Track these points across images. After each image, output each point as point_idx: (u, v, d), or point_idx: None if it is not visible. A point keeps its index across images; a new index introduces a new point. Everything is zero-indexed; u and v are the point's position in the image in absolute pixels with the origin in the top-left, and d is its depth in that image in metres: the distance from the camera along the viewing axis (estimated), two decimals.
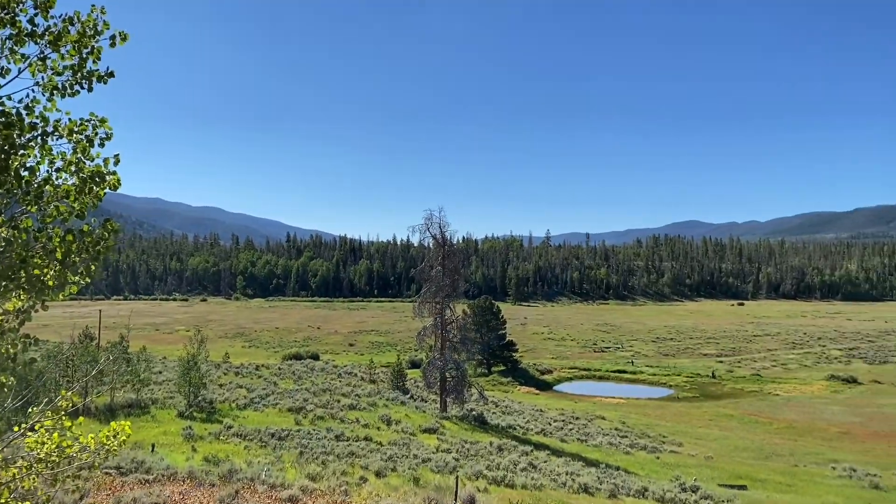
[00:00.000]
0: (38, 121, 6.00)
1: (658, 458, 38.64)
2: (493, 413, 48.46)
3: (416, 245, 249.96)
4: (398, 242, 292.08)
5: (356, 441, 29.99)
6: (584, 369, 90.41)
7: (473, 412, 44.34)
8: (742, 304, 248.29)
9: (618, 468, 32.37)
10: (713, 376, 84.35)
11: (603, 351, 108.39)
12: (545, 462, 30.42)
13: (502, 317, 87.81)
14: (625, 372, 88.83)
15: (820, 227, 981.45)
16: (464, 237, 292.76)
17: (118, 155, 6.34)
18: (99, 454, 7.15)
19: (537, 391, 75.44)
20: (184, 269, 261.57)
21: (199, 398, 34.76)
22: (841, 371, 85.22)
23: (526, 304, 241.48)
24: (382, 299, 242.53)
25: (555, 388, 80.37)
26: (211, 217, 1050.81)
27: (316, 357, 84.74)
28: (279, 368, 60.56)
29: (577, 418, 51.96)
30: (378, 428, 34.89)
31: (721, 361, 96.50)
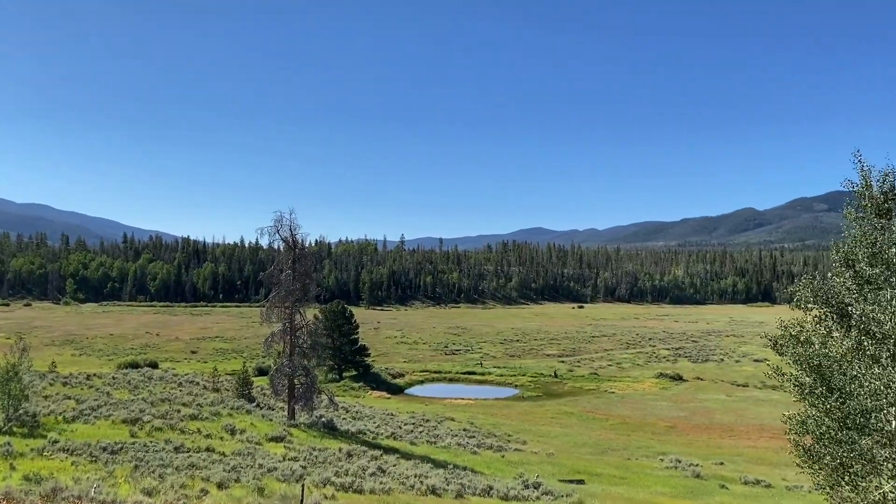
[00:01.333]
0: None
1: (503, 456, 39.82)
2: (344, 419, 47.93)
3: (265, 248, 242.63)
4: (246, 245, 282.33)
5: (197, 452, 28.57)
6: (436, 372, 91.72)
7: (323, 419, 43.63)
8: (582, 307, 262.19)
9: (465, 468, 33.03)
10: (555, 376, 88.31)
11: (454, 353, 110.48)
12: (394, 466, 30.45)
13: (355, 321, 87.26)
14: (474, 373, 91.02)
15: (651, 235, 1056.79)
16: (317, 240, 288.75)
17: None
18: None
19: (389, 395, 75.57)
20: (5, 272, 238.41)
21: (21, 412, 31.71)
22: (669, 369, 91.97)
23: (380, 308, 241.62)
24: (229, 304, 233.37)
25: (407, 391, 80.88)
26: (38, 215, 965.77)
27: (154, 365, 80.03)
28: (113, 377, 56.60)
29: (428, 420, 52.53)
30: (221, 438, 33.46)
31: (563, 361, 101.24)
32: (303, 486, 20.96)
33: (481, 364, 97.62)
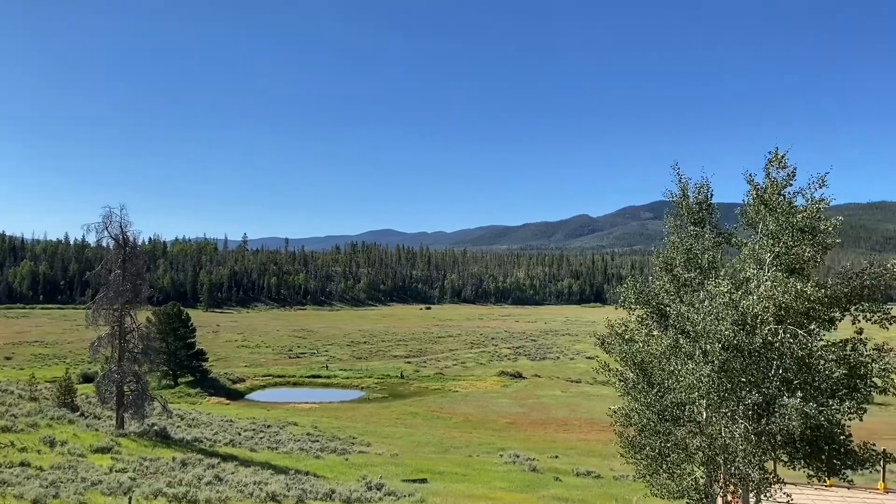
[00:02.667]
0: None
1: (347, 459, 39.52)
2: (178, 427, 45.56)
3: (92, 245, 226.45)
4: (71, 242, 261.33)
5: (9, 468, 25.98)
6: (279, 376, 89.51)
7: (155, 427, 41.21)
8: (429, 308, 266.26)
9: (307, 473, 32.42)
10: (402, 377, 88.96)
11: (299, 357, 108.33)
12: (232, 473, 29.33)
13: (192, 324, 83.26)
14: (319, 376, 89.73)
15: (496, 238, 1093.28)
16: (150, 238, 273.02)
17: None
18: None
19: (228, 401, 72.75)
20: None
21: None
22: (510, 367, 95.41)
23: (220, 310, 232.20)
24: (50, 306, 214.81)
25: (247, 396, 78.28)
26: None
27: None
28: None
29: (269, 426, 51.12)
30: (39, 451, 30.66)
31: (409, 362, 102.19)
32: (130, 498, 19.68)
33: (327, 367, 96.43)
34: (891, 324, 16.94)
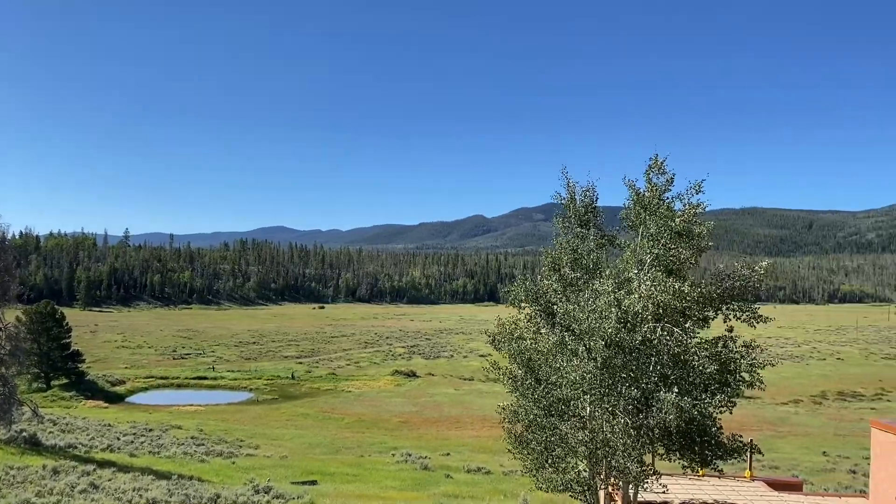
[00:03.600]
0: None
1: (234, 462, 38.40)
2: (51, 432, 42.89)
3: None
4: None
5: None
6: (162, 378, 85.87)
7: (24, 433, 38.60)
8: (323, 308, 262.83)
9: (192, 477, 31.23)
10: (293, 377, 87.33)
11: (183, 358, 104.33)
12: (110, 480, 27.86)
13: (67, 324, 78.48)
14: (205, 378, 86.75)
15: (392, 237, 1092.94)
16: (21, 232, 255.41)
17: None
18: None
19: (107, 404, 69.11)
20: None
21: None
22: (404, 367, 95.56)
23: (98, 309, 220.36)
24: None
25: (128, 399, 74.66)
26: None
27: None
28: None
29: (151, 430, 48.94)
30: None
31: (301, 363, 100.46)
32: None
33: (213, 368, 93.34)
34: (758, 322, 18.13)
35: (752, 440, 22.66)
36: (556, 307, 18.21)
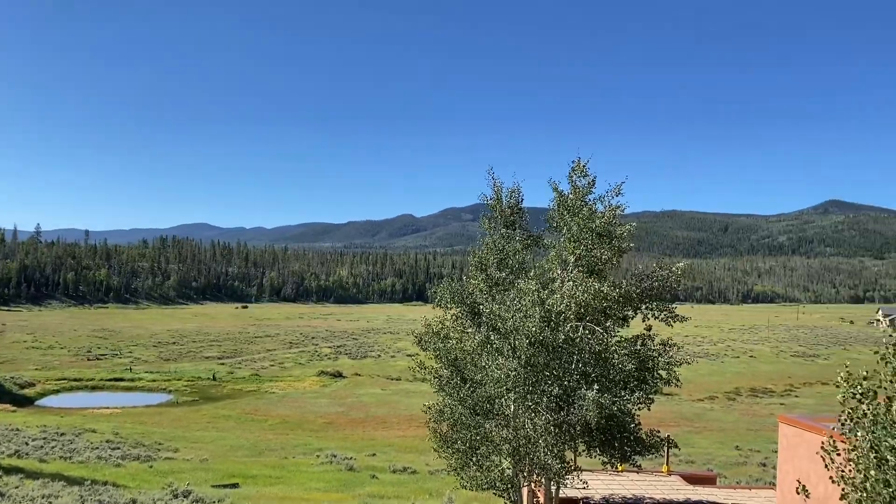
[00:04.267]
0: None
1: (152, 466, 37.17)
2: None
3: None
4: None
5: None
6: (76, 380, 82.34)
7: None
8: (246, 307, 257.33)
9: (106, 483, 30.06)
10: (214, 378, 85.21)
11: (99, 359, 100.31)
12: (17, 488, 26.54)
13: None
14: (122, 380, 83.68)
15: (319, 236, 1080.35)
16: None
17: None
18: None
19: (15, 408, 65.74)
20: None
21: None
22: (330, 367, 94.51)
23: (7, 308, 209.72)
24: None
25: (38, 402, 71.28)
26: None
27: None
28: None
29: (63, 434, 46.84)
30: None
31: (223, 363, 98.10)
32: None
33: (130, 369, 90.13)
34: (675, 321, 18.76)
35: (669, 436, 23.41)
36: (482, 307, 18.39)
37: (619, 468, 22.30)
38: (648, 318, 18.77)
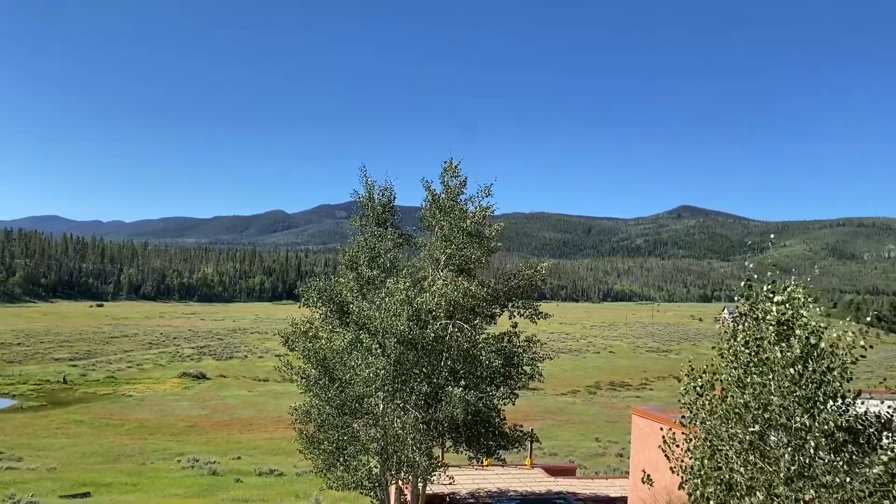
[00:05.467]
0: None
1: None
2: None
3: None
4: None
5: None
6: None
7: None
8: (101, 306, 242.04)
9: None
10: (65, 381, 79.69)
11: None
12: None
13: None
14: None
15: (183, 231, 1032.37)
16: None
17: None
18: None
19: None
20: None
21: None
22: (192, 368, 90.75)
23: None
24: None
25: None
26: None
27: None
28: None
29: None
30: None
31: (75, 365, 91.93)
32: None
33: None
34: (539, 318, 19.45)
35: (532, 430, 24.21)
36: (352, 306, 18.26)
37: (485, 463, 22.85)
38: (515, 316, 19.34)
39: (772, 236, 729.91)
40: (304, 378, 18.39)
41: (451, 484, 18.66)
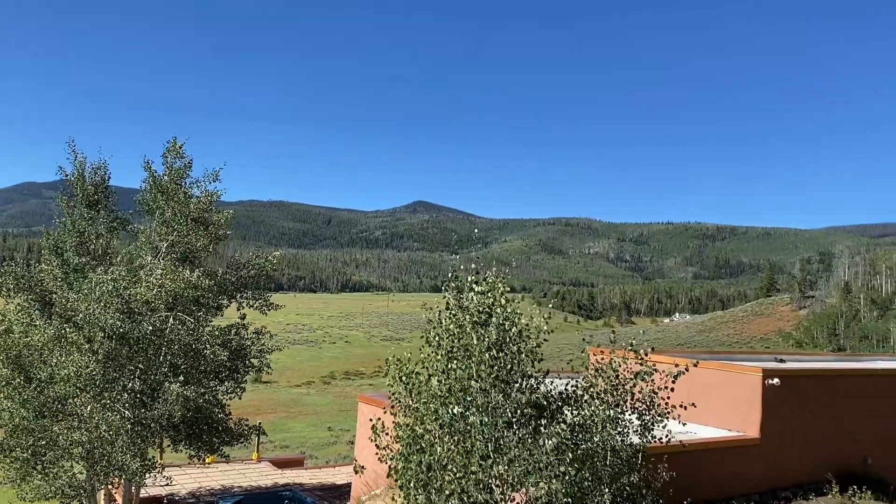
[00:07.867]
0: None
1: None
2: None
3: None
4: None
5: None
6: None
7: None
8: None
9: None
10: None
11: None
12: None
13: None
14: None
15: None
16: None
17: None
18: None
19: None
20: None
21: None
22: None
23: None
24: None
25: None
26: None
27: None
28: None
29: None
30: None
31: None
32: None
33: None
34: (270, 309, 19.07)
35: (259, 423, 23.78)
36: (55, 296, 16.39)
37: (209, 460, 21.95)
38: (244, 307, 18.77)
39: (481, 233, 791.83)
40: None
41: (168, 485, 17.60)
